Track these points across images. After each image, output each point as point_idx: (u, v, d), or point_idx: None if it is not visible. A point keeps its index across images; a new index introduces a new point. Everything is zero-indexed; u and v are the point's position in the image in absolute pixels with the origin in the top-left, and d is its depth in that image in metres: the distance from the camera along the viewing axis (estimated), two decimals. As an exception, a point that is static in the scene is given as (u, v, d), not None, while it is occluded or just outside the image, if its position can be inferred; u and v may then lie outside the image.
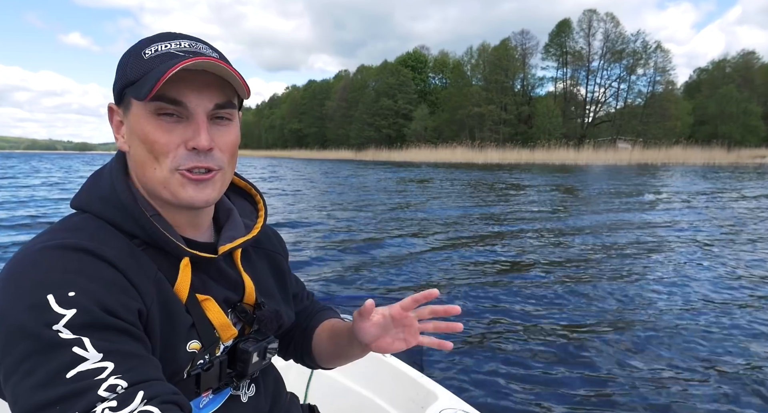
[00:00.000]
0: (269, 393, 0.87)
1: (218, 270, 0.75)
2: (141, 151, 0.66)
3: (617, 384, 2.52)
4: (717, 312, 3.59)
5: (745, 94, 45.19)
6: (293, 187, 15.94)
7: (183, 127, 0.65)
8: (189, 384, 0.69)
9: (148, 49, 0.65)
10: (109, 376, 0.52)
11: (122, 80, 0.66)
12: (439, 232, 7.16)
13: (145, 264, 0.65)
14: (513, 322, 3.39)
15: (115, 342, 0.55)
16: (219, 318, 0.72)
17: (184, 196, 0.67)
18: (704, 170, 27.71)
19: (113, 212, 0.66)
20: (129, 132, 0.67)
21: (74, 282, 0.56)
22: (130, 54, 0.66)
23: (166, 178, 0.66)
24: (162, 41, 0.66)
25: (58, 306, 0.54)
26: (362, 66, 67.93)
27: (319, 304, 1.04)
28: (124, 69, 0.66)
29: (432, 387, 1.22)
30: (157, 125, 0.64)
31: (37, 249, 0.59)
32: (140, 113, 0.65)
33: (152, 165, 0.66)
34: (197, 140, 0.64)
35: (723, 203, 11.03)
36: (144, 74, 0.63)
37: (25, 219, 8.26)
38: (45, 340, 0.52)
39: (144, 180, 0.68)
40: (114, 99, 0.69)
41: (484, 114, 49.03)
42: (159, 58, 0.64)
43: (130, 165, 0.70)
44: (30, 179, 19.13)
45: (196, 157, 0.66)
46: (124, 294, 0.59)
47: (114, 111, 0.70)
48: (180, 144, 0.65)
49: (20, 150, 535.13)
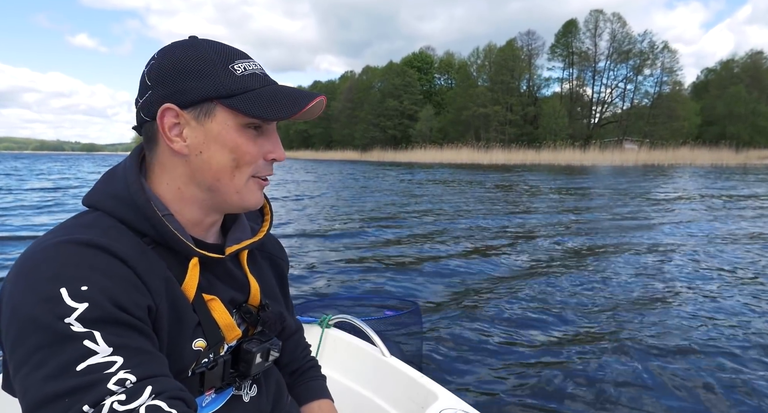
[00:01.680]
0: (271, 394, 0.87)
1: (225, 271, 0.77)
2: (223, 158, 0.68)
3: (617, 384, 2.50)
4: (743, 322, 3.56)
5: (753, 95, 44.83)
6: (298, 188, 15.98)
7: (262, 139, 0.71)
8: (193, 382, 0.70)
9: (237, 66, 0.68)
10: (119, 370, 0.53)
11: (209, 89, 0.67)
12: (441, 233, 7.14)
13: (155, 262, 0.66)
14: (513, 323, 3.38)
15: (125, 337, 0.56)
16: (224, 318, 0.73)
17: (252, 200, 0.73)
18: (712, 171, 27.49)
19: (126, 211, 0.67)
20: (206, 138, 0.68)
21: (87, 277, 0.57)
22: (212, 63, 0.67)
23: (243, 184, 0.71)
24: (240, 59, 0.70)
25: (70, 299, 0.54)
26: (368, 67, 68.08)
27: (306, 353, 1.05)
28: (207, 78, 0.67)
29: (432, 387, 1.22)
30: (248, 137, 0.69)
31: (51, 244, 0.60)
32: (231, 124, 0.68)
33: (232, 172, 0.69)
34: (279, 154, 0.73)
35: (740, 205, 10.93)
36: (243, 91, 0.67)
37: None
38: (57, 332, 0.53)
39: (215, 184, 0.70)
40: (174, 101, 0.67)
41: (490, 114, 48.92)
42: (252, 79, 0.69)
43: (193, 169, 0.70)
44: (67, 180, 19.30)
45: (270, 167, 0.74)
46: (135, 291, 0.60)
47: (173, 112, 0.68)
48: (261, 155, 0.71)
49: (29, 151, 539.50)
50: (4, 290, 0.59)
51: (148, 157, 0.73)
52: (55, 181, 18.35)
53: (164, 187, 0.72)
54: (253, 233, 0.83)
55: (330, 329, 1.57)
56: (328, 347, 1.55)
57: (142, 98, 0.70)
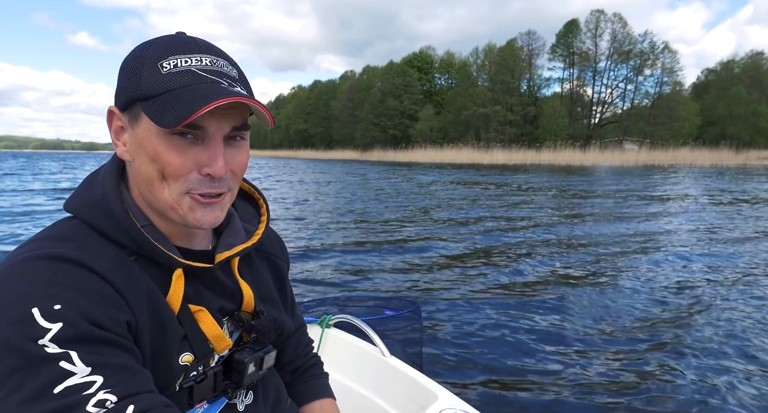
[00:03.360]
0: (269, 401, 0.85)
1: (214, 280, 0.72)
2: (149, 168, 0.62)
3: (618, 385, 2.50)
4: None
5: (753, 95, 44.82)
6: (299, 188, 15.97)
7: (198, 149, 0.61)
8: (181, 397, 0.68)
9: (167, 63, 0.60)
10: (98, 390, 0.51)
11: (133, 91, 0.60)
12: (442, 233, 7.14)
13: (137, 275, 0.62)
14: (514, 323, 3.38)
15: (104, 355, 0.54)
16: (212, 329, 0.69)
17: (192, 218, 0.64)
18: (713, 171, 27.48)
19: (102, 220, 0.63)
20: (135, 144, 0.63)
21: (60, 295, 0.54)
22: (143, 61, 0.61)
23: (175, 200, 0.63)
24: (180, 54, 0.61)
25: (43, 319, 0.52)
26: (368, 66, 68.05)
27: (308, 350, 1.02)
28: (136, 78, 0.60)
29: (432, 387, 1.21)
30: (171, 146, 0.60)
31: (22, 260, 0.57)
32: (152, 129, 0.60)
33: (160, 184, 0.62)
34: (214, 168, 0.61)
35: (740, 206, 10.94)
36: (163, 92, 0.59)
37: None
38: (31, 355, 0.51)
39: (150, 196, 0.64)
40: (117, 103, 0.64)
41: (490, 114, 48.93)
42: (180, 77, 0.59)
43: (132, 175, 0.67)
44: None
45: (209, 182, 0.63)
46: (111, 306, 0.57)
47: (115, 115, 0.65)
48: (193, 168, 0.62)
49: (29, 149, 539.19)
50: None
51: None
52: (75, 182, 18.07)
53: (136, 194, 0.67)
54: (248, 236, 0.78)
55: (330, 329, 1.56)
56: (328, 347, 1.55)
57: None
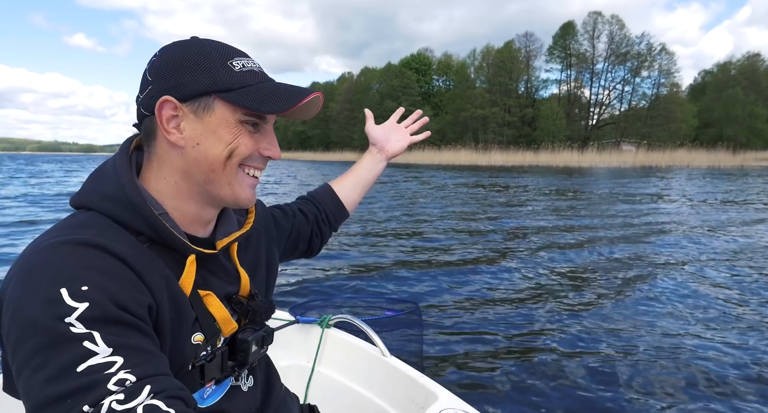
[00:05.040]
0: (265, 384, 0.93)
1: (219, 265, 0.79)
2: (218, 150, 0.70)
3: (618, 386, 2.50)
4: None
5: (750, 97, 44.97)
6: (298, 188, 15.96)
7: (259, 136, 0.74)
8: (194, 376, 0.72)
9: (234, 63, 0.71)
10: (119, 370, 0.54)
11: (209, 84, 0.69)
12: (442, 234, 7.14)
13: (153, 261, 0.67)
14: (514, 324, 3.38)
15: (125, 337, 0.57)
16: (221, 312, 0.76)
17: (243, 195, 0.75)
18: (710, 173, 27.55)
19: (120, 210, 0.67)
20: (204, 130, 0.70)
21: (87, 277, 0.57)
22: (211, 59, 0.69)
23: (234, 176, 0.72)
24: (237, 56, 0.72)
25: (71, 299, 0.55)
26: (366, 68, 68.06)
27: (307, 197, 1.26)
28: (208, 73, 0.69)
29: (432, 387, 1.21)
30: (245, 131, 0.71)
31: (49, 245, 0.60)
32: (229, 118, 0.70)
33: (225, 163, 0.71)
34: (274, 151, 0.76)
35: (739, 207, 10.96)
36: (241, 86, 0.70)
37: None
38: (57, 334, 0.53)
39: (209, 176, 0.71)
40: (174, 94, 0.69)
41: (488, 116, 48.99)
42: (250, 76, 0.71)
43: (184, 161, 0.71)
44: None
45: (264, 162, 0.77)
46: (135, 290, 0.61)
47: (170, 105, 0.69)
48: (256, 149, 0.74)
49: (27, 151, 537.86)
50: (5, 293, 0.59)
51: (146, 151, 0.74)
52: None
53: (162, 183, 0.72)
54: (240, 225, 0.86)
55: (330, 329, 1.56)
56: (328, 347, 1.55)
57: (143, 94, 0.71)
